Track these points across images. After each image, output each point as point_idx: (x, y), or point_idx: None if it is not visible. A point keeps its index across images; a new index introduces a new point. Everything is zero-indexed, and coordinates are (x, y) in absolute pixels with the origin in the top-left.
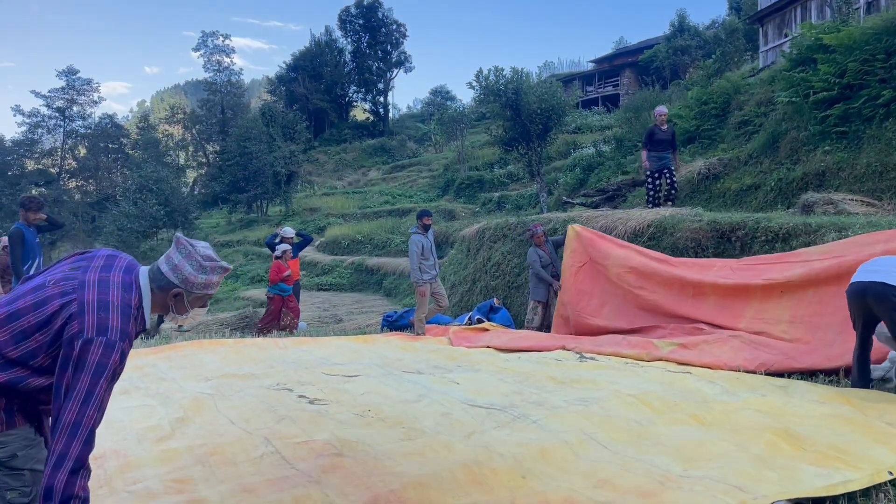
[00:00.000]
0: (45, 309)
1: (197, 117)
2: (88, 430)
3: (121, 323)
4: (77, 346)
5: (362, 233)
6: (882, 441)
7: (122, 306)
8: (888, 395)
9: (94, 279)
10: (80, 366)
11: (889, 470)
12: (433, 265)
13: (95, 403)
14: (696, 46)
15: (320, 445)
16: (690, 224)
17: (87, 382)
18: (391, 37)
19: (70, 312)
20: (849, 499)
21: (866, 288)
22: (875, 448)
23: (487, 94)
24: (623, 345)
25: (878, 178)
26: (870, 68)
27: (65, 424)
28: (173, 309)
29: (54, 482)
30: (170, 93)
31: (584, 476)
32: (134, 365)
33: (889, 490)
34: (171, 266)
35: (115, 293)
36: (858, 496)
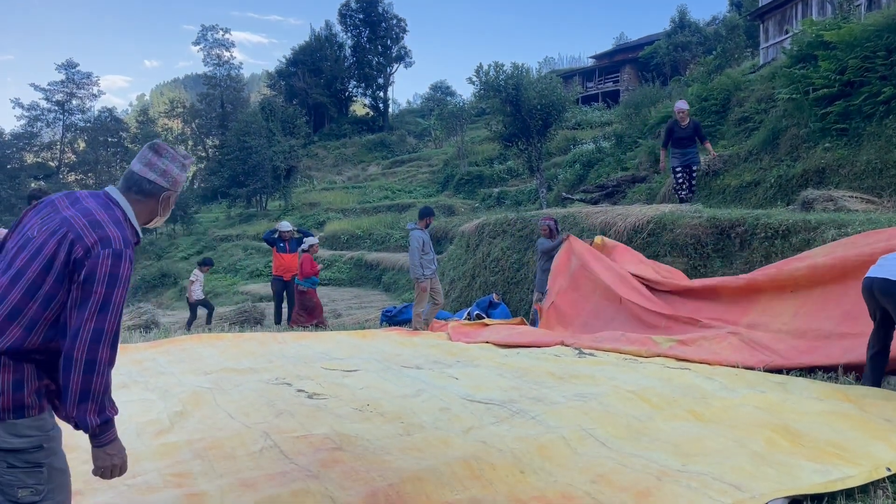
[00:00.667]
0: (44, 252)
1: (196, 111)
2: (112, 335)
3: (119, 232)
4: (86, 265)
5: (361, 228)
6: (881, 437)
7: (112, 221)
8: (887, 391)
9: (72, 213)
10: (92, 280)
11: (887, 466)
12: (433, 261)
13: (114, 311)
14: (697, 43)
15: (319, 440)
16: (690, 220)
17: (101, 293)
18: (391, 32)
19: (69, 241)
20: (847, 495)
21: (872, 283)
22: (874, 444)
23: (487, 89)
24: (622, 341)
25: (878, 175)
26: (870, 65)
27: (87, 332)
28: (161, 212)
29: (91, 385)
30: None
31: (582, 471)
32: (133, 359)
33: (888, 486)
34: (160, 172)
35: (99, 213)
36: (857, 493)
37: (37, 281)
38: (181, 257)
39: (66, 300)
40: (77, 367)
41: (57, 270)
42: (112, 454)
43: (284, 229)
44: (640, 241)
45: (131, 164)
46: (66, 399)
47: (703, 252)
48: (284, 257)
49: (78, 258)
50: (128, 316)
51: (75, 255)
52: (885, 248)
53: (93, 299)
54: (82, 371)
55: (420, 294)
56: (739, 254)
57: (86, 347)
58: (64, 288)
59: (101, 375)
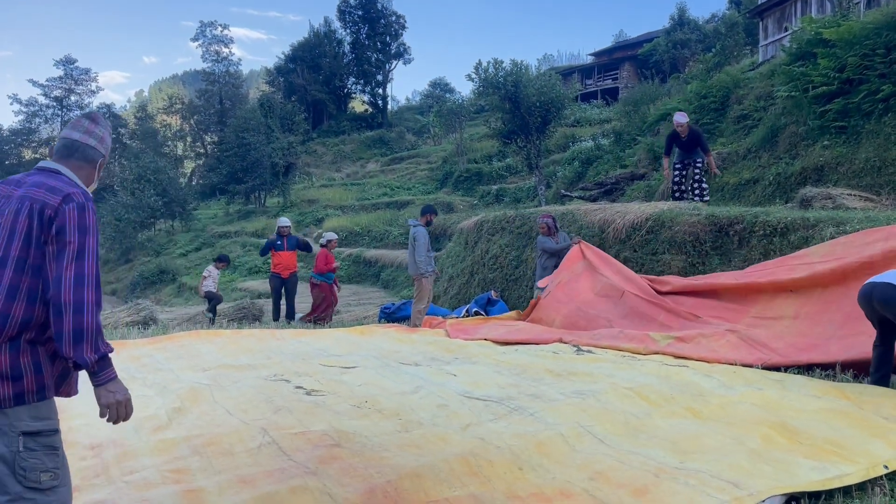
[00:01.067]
0: (19, 230)
1: (195, 108)
2: (94, 279)
3: (77, 189)
4: (56, 221)
5: (360, 225)
6: (878, 435)
7: (65, 183)
8: (884, 389)
9: (24, 189)
10: (63, 232)
11: (885, 464)
12: (433, 258)
13: (90, 258)
14: (696, 40)
15: (317, 436)
16: (689, 218)
17: (75, 243)
18: (390, 28)
19: (37, 210)
20: (844, 493)
21: (872, 289)
22: (871, 442)
23: (486, 86)
24: (620, 338)
25: (877, 173)
26: (869, 63)
27: (69, 278)
28: (96, 178)
29: (84, 325)
30: (168, 83)
31: (580, 468)
32: (131, 355)
33: (885, 484)
34: (98, 139)
35: (50, 181)
36: (854, 490)
37: (21, 256)
38: (179, 254)
39: None
40: (67, 310)
41: (34, 239)
42: (113, 391)
43: (283, 224)
44: (638, 239)
45: (67, 133)
46: (62, 342)
47: (701, 249)
48: (282, 255)
49: (49, 218)
50: (125, 312)
51: (46, 217)
52: (883, 247)
53: (68, 249)
54: (72, 312)
55: (422, 291)
56: (738, 251)
57: (71, 291)
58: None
59: (91, 314)
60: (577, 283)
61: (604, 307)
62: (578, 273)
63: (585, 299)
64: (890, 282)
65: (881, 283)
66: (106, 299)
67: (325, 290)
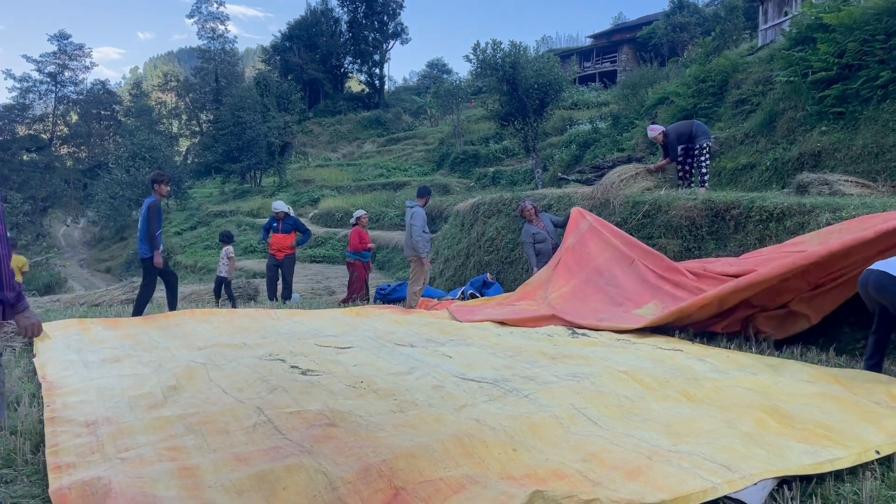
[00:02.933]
0: None
1: (190, 85)
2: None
3: None
4: None
5: (356, 206)
6: (870, 420)
7: None
8: (877, 375)
9: None
10: None
11: (876, 449)
12: (429, 240)
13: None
14: (696, 24)
15: (312, 416)
16: (685, 202)
17: None
18: (388, 7)
19: None
20: (836, 476)
21: (868, 276)
22: (863, 427)
23: (484, 67)
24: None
25: (874, 159)
26: (869, 49)
27: None
28: None
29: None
30: (163, 60)
31: (574, 450)
32: (125, 333)
33: (876, 468)
34: None
35: None
36: (845, 474)
37: None
38: (174, 232)
39: None
40: None
41: None
42: (29, 317)
43: (277, 209)
44: (634, 223)
45: None
46: None
47: (697, 234)
48: (277, 237)
49: None
50: (120, 290)
51: None
52: (879, 230)
53: None
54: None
55: (419, 271)
56: (734, 236)
57: None
58: None
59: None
60: (585, 248)
61: (618, 272)
62: (583, 232)
63: (597, 265)
64: (885, 270)
65: (876, 271)
66: (100, 277)
67: (360, 269)
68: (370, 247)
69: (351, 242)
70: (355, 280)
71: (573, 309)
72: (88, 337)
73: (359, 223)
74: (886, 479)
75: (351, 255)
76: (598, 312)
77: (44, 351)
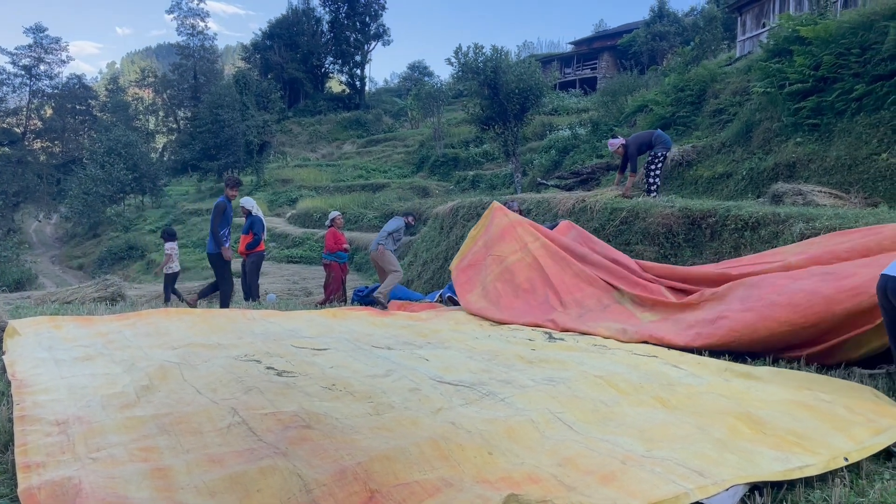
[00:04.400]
0: None
1: (168, 82)
2: None
3: None
4: None
5: (335, 206)
6: (840, 428)
7: None
8: (848, 382)
9: None
10: None
11: (845, 456)
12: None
13: None
14: (675, 33)
15: (288, 417)
16: (662, 210)
17: None
18: (370, 8)
19: None
20: (806, 483)
21: (887, 282)
22: (833, 434)
23: (466, 71)
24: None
25: (847, 171)
26: (844, 62)
27: None
28: None
29: None
30: (141, 55)
31: (549, 454)
32: (97, 331)
33: (845, 475)
34: None
35: None
36: (815, 481)
37: None
38: (149, 230)
39: None
40: None
41: None
42: None
43: (247, 206)
44: (612, 229)
45: None
46: None
47: (674, 241)
48: (243, 236)
49: None
50: (93, 288)
51: None
52: (856, 245)
53: None
54: None
55: (385, 259)
56: (709, 244)
57: None
58: None
59: None
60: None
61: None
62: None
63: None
64: None
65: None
66: (73, 274)
67: (336, 270)
68: (345, 248)
69: (326, 244)
70: (332, 281)
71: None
72: (60, 335)
73: (334, 224)
74: (855, 486)
75: (326, 257)
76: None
77: (13, 348)
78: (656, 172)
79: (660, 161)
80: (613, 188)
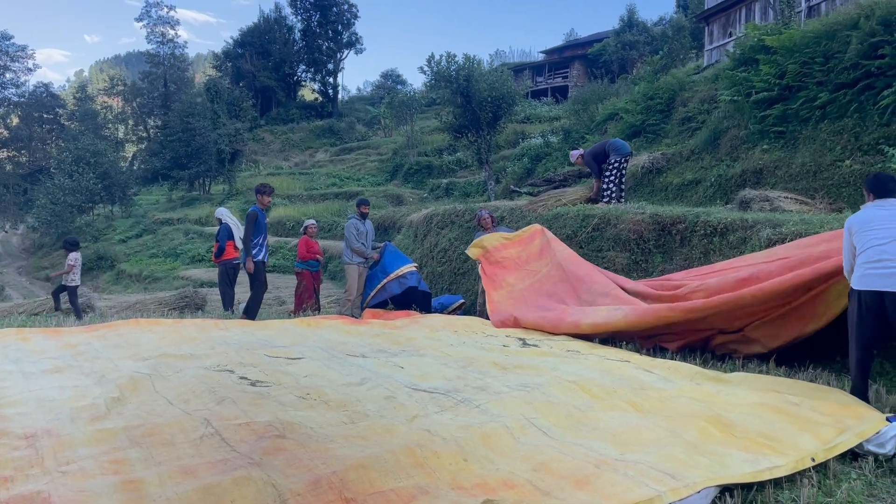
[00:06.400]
0: None
1: (138, 90)
2: None
3: None
4: None
5: (308, 215)
6: (807, 429)
7: None
8: (815, 385)
9: None
10: None
11: (812, 457)
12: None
13: None
14: (644, 42)
15: (262, 427)
16: (633, 216)
17: None
18: (342, 17)
19: None
20: (775, 484)
21: (883, 297)
22: (800, 436)
23: (439, 79)
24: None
25: (812, 177)
26: (808, 71)
27: None
28: None
29: None
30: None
31: (524, 459)
32: (66, 343)
33: (812, 476)
34: None
35: None
36: (784, 481)
37: None
38: (119, 240)
39: None
40: None
41: None
42: None
43: (217, 216)
44: (584, 236)
45: None
46: None
47: (644, 247)
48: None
49: None
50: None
51: None
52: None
53: None
54: None
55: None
56: (679, 250)
57: None
58: None
59: None
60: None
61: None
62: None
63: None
64: None
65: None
66: (40, 285)
67: (307, 278)
68: (318, 257)
69: (299, 252)
70: (303, 290)
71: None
72: (28, 347)
73: (307, 232)
74: (823, 486)
75: (298, 265)
76: None
77: None
78: (611, 179)
79: (614, 168)
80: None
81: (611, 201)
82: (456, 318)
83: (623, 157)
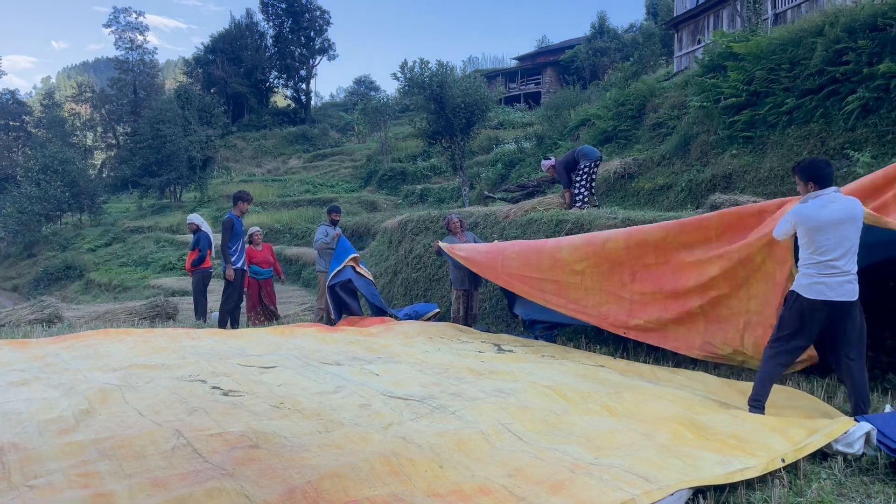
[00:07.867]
0: None
1: (107, 97)
2: None
3: None
4: None
5: (281, 222)
6: (777, 430)
7: None
8: (784, 387)
9: None
10: None
11: (782, 458)
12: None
13: None
14: (615, 49)
15: (235, 437)
16: (606, 221)
17: None
18: (315, 23)
19: None
20: (747, 485)
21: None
22: (771, 437)
23: (412, 86)
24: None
25: (780, 181)
26: (775, 77)
27: None
28: None
29: None
30: (78, 70)
31: (500, 465)
32: (33, 354)
33: (783, 476)
34: None
35: None
36: (756, 482)
37: None
38: (88, 249)
39: None
40: None
41: None
42: None
43: (191, 222)
44: None
45: None
46: None
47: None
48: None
49: None
50: (28, 310)
51: None
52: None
53: None
54: None
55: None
56: None
57: None
58: None
59: None
60: None
61: None
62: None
63: None
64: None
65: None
66: (6, 296)
67: (252, 285)
68: (259, 258)
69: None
70: (248, 297)
71: None
72: None
73: (252, 240)
74: (794, 487)
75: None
76: None
77: None
78: (582, 183)
79: (584, 172)
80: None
81: (583, 206)
82: (431, 325)
83: (593, 162)
